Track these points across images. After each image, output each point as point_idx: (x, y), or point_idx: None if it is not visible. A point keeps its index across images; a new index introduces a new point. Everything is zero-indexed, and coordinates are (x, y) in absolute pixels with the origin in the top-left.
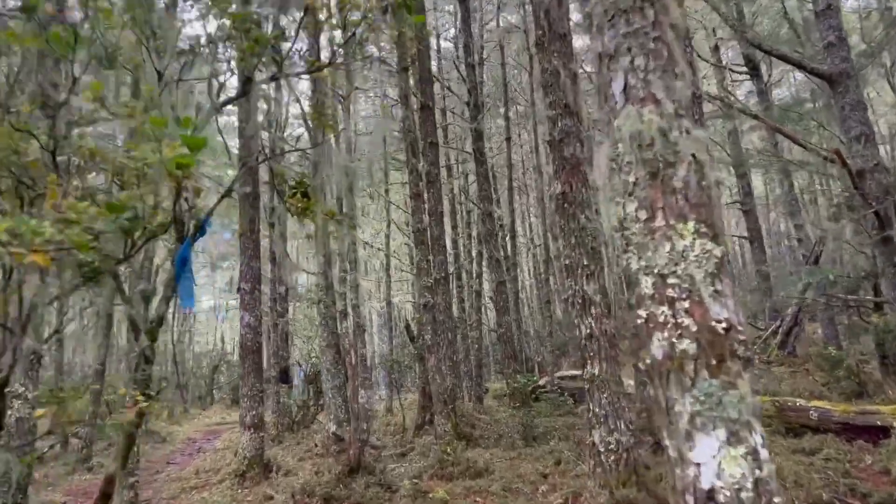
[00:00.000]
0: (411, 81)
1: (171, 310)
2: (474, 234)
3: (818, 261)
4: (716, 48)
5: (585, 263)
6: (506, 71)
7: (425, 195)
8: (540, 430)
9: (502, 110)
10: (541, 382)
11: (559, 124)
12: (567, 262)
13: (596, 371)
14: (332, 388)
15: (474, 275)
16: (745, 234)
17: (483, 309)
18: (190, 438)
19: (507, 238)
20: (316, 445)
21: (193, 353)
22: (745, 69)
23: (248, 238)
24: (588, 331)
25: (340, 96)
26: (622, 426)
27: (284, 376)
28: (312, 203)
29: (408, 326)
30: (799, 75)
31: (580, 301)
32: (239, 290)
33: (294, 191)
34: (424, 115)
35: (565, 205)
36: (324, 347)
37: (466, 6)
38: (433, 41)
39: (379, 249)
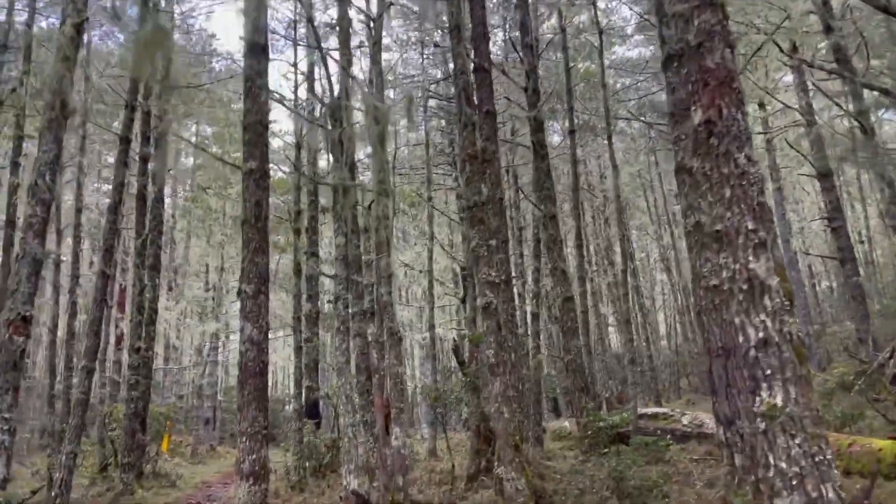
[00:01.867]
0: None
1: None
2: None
3: None
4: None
5: (751, 228)
6: (568, 55)
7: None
8: (631, 482)
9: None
10: (617, 420)
11: (694, 22)
12: (718, 227)
13: (779, 400)
14: (352, 426)
15: (530, 294)
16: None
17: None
18: (204, 483)
19: (574, 247)
20: (341, 500)
21: (223, 385)
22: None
23: (253, 227)
24: (761, 334)
25: (368, 17)
26: (829, 494)
27: (313, 410)
28: None
29: (456, 348)
30: None
31: (743, 287)
32: (240, 293)
33: None
34: (480, 78)
35: (711, 139)
36: (341, 365)
37: None
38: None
39: (420, 272)
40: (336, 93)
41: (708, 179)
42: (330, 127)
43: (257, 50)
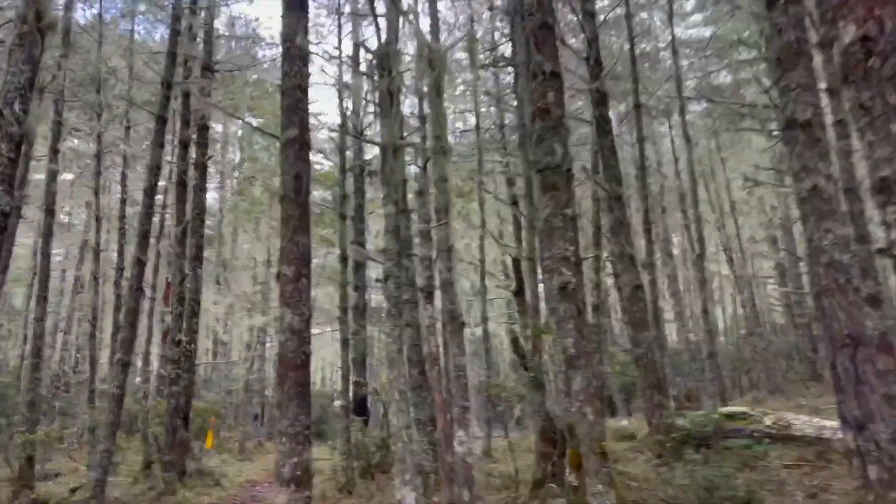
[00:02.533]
0: None
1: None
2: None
3: None
4: None
5: None
6: (631, 22)
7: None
8: (724, 493)
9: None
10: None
11: None
12: (884, 173)
13: None
14: (407, 427)
15: (591, 284)
16: None
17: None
18: (249, 482)
19: (642, 232)
20: None
21: (273, 381)
22: None
23: (292, 202)
24: None
25: None
26: None
27: (361, 407)
28: None
29: (515, 341)
30: None
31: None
32: (279, 276)
33: None
34: (542, 35)
35: (870, 60)
36: (393, 355)
37: None
38: None
39: (469, 263)
40: (385, 38)
41: (867, 113)
42: (377, 78)
43: (295, 5)
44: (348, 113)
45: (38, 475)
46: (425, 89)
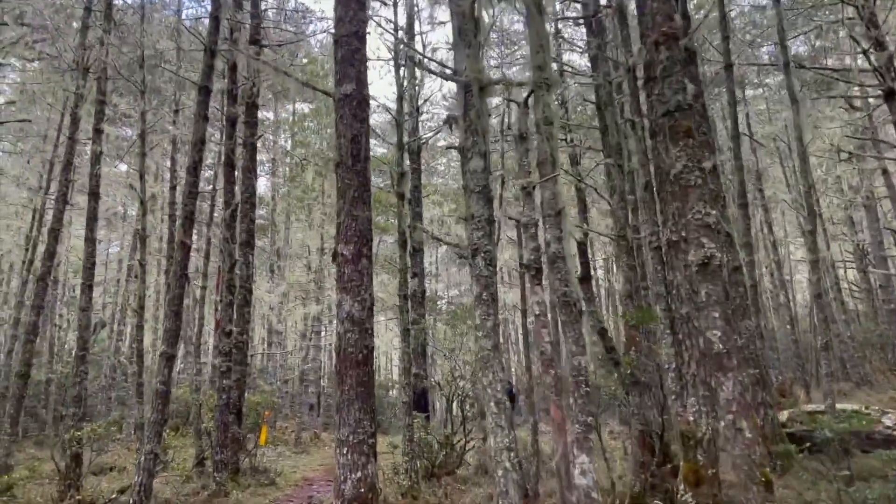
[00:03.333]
0: None
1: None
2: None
3: None
4: None
5: None
6: None
7: None
8: None
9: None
10: (784, 417)
11: None
12: None
13: None
14: (508, 449)
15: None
16: None
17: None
18: (305, 480)
19: (737, 207)
20: None
21: (326, 370)
22: None
23: (350, 170)
24: None
25: None
26: None
27: (421, 401)
28: None
29: (603, 332)
30: None
31: None
32: (335, 256)
33: None
34: None
35: None
36: (486, 353)
37: None
38: None
39: None
40: None
41: None
42: None
43: None
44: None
45: (94, 468)
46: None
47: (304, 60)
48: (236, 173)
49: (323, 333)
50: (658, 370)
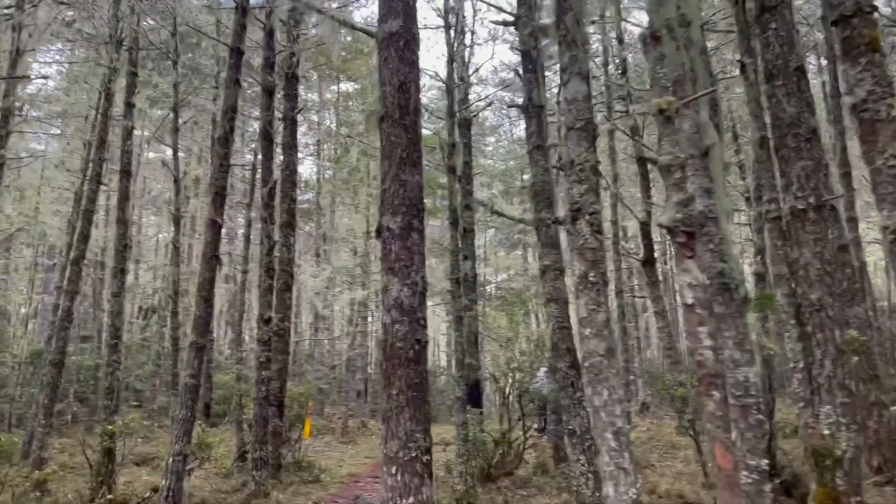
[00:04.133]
0: None
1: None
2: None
3: None
4: None
5: None
6: None
7: None
8: None
9: None
10: None
11: None
12: None
13: None
14: (632, 497)
15: (753, 247)
16: None
17: None
18: (352, 477)
19: (840, 176)
20: None
21: (373, 357)
22: None
23: (397, 123)
24: None
25: None
26: None
27: (474, 393)
28: None
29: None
30: None
31: None
32: (379, 231)
33: None
34: None
35: None
36: (597, 361)
37: None
38: None
39: None
40: None
41: None
42: None
43: None
44: None
45: (137, 457)
46: None
47: (349, 38)
48: (276, 149)
49: (370, 319)
50: (768, 367)
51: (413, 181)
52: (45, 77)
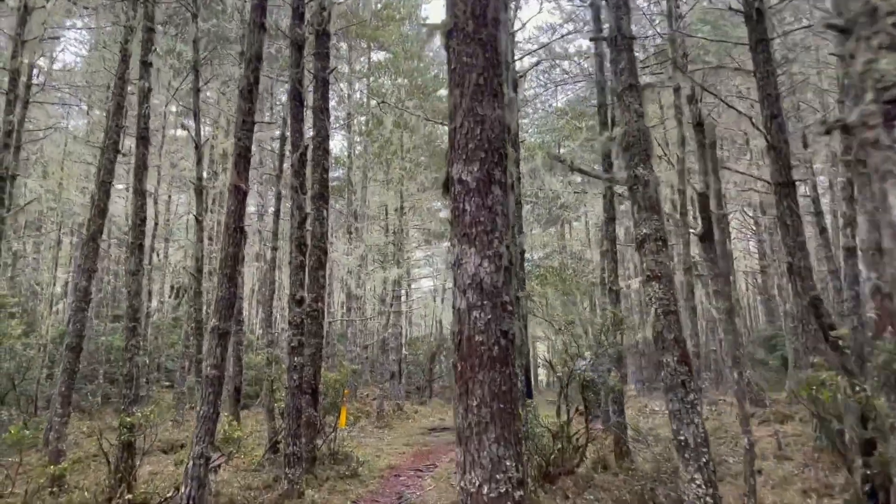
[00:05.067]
0: None
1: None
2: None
3: None
4: None
5: None
6: None
7: None
8: None
9: None
10: None
11: None
12: None
13: None
14: None
15: (838, 216)
16: None
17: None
18: (392, 470)
19: None
20: None
21: (407, 337)
22: None
23: (470, 39)
24: None
25: None
26: None
27: (525, 382)
28: None
29: (817, 302)
30: None
31: None
32: (448, 186)
33: None
34: None
35: None
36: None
37: None
38: None
39: None
40: None
41: None
42: None
43: None
44: None
45: (164, 444)
46: None
47: (380, 5)
48: (306, 112)
49: (403, 299)
50: None
51: (493, 116)
52: (55, 38)
